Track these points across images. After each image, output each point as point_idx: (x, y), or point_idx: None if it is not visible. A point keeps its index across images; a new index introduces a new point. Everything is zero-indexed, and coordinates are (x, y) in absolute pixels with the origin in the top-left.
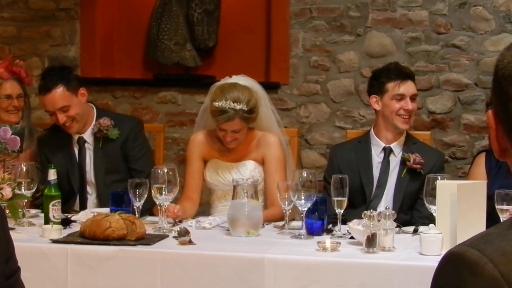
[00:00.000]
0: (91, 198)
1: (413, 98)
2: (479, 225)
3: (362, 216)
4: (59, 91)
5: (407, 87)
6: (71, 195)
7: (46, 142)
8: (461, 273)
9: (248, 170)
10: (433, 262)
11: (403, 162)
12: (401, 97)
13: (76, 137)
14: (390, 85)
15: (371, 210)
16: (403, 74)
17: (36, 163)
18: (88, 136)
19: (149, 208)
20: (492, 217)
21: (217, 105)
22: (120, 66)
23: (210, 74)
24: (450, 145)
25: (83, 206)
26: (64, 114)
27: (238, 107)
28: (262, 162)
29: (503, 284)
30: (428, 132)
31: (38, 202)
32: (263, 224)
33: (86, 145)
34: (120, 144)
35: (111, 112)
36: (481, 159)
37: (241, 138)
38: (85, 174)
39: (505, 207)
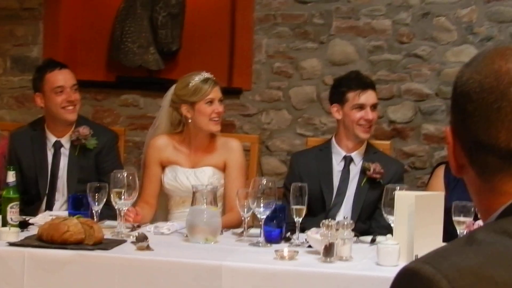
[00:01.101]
0: (57, 204)
1: (373, 107)
2: (436, 237)
3: (321, 225)
4: (70, 71)
5: (368, 97)
6: (37, 198)
7: (19, 139)
8: None
9: (207, 176)
10: (390, 272)
11: (363, 171)
12: (361, 107)
13: (53, 139)
14: (351, 95)
15: (330, 219)
16: (363, 83)
17: (4, 160)
18: (65, 141)
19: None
20: (449, 230)
21: (197, 79)
22: (83, 67)
23: (172, 78)
24: (409, 155)
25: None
26: (74, 93)
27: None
28: (222, 167)
29: None
30: (388, 142)
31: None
32: (221, 231)
33: (61, 150)
34: (95, 155)
35: (90, 121)
36: (440, 171)
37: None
38: (56, 179)
39: (462, 219)
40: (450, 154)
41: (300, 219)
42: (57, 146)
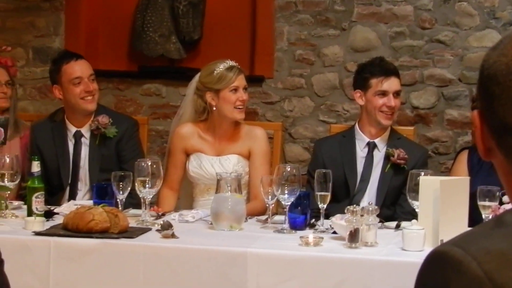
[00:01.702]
0: (80, 193)
1: (396, 94)
2: (461, 221)
3: (345, 211)
4: (86, 61)
5: (391, 84)
6: (60, 189)
7: (40, 131)
8: (445, 271)
9: (231, 164)
10: (415, 257)
11: (387, 157)
12: (384, 94)
13: (73, 130)
14: (374, 81)
15: (354, 205)
16: (386, 70)
17: (27, 152)
18: (85, 131)
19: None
20: (473, 214)
21: (222, 66)
22: (105, 57)
23: (194, 66)
24: (433, 140)
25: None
26: (92, 83)
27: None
28: (247, 155)
29: (487, 283)
30: (412, 127)
31: (24, 193)
32: (246, 218)
33: (82, 139)
34: (115, 143)
35: (109, 109)
36: (464, 156)
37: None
38: (79, 169)
39: (487, 203)
40: (477, 138)
41: (325, 206)
42: (78, 136)
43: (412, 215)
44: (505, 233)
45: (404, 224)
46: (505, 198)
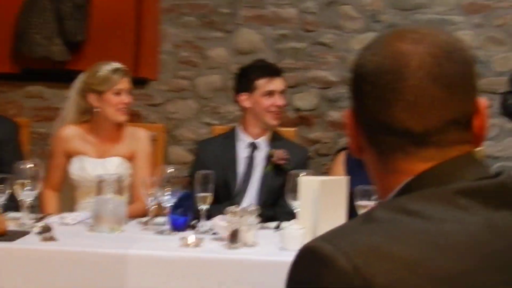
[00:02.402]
0: None
1: (282, 93)
2: (340, 220)
3: (225, 212)
4: None
5: (277, 83)
6: None
7: None
8: (314, 267)
9: (114, 166)
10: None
11: (269, 157)
12: (271, 93)
13: None
14: (260, 82)
15: (235, 205)
16: (272, 70)
17: None
18: None
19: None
20: (353, 214)
21: (107, 68)
22: None
23: (78, 68)
24: (314, 142)
25: None
26: None
27: (124, 67)
28: (130, 157)
29: (356, 277)
30: (294, 129)
31: None
32: (127, 220)
33: None
34: None
35: None
36: (341, 157)
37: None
38: None
39: (364, 203)
40: (350, 136)
41: (206, 207)
42: None
43: (292, 215)
44: (374, 228)
45: (284, 224)
46: None
